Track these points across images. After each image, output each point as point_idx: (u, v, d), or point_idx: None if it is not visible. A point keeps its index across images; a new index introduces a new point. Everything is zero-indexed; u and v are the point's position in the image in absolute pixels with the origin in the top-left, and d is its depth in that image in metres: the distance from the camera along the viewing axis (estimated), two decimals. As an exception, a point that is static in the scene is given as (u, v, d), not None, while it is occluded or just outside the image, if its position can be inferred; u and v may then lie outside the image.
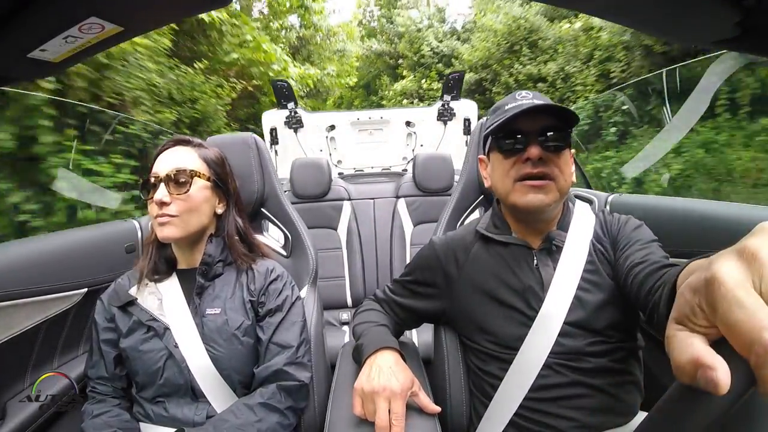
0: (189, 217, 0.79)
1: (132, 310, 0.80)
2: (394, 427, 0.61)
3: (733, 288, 0.23)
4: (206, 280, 0.81)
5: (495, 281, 0.77)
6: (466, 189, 1.12)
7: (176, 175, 0.78)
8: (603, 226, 0.79)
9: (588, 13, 0.54)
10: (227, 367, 0.77)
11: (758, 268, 0.23)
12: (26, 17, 0.39)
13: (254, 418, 0.71)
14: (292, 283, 0.87)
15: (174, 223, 0.77)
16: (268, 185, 1.05)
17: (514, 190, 0.73)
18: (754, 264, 0.24)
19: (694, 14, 0.44)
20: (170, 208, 0.77)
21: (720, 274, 0.24)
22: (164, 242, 0.81)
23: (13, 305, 0.81)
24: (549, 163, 0.71)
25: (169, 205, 0.76)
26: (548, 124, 0.72)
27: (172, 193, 0.77)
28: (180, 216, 0.77)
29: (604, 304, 0.71)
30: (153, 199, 0.76)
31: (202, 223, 0.82)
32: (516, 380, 0.71)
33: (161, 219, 0.76)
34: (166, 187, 0.76)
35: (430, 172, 2.00)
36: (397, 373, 0.68)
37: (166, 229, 0.77)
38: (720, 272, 0.24)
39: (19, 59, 0.45)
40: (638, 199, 1.23)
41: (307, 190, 1.99)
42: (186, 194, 0.78)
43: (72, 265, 0.96)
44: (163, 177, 0.77)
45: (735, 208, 0.88)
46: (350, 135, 3.00)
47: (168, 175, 0.77)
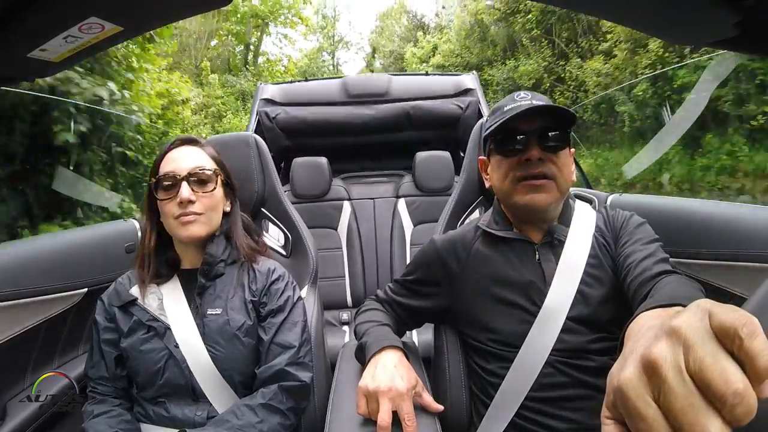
0: (212, 215, 0.81)
1: (133, 310, 0.79)
2: (408, 427, 0.62)
3: (634, 400, 0.25)
4: (207, 280, 0.81)
5: (497, 278, 0.77)
6: (466, 189, 1.12)
7: (199, 173, 0.79)
8: (606, 220, 0.80)
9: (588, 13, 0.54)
10: (228, 368, 0.77)
11: (658, 382, 0.25)
12: (26, 17, 0.39)
13: (256, 419, 0.71)
14: (293, 283, 0.87)
15: (200, 221, 0.78)
16: (268, 185, 1.05)
17: (515, 190, 0.74)
18: (654, 378, 0.25)
19: (694, 14, 0.44)
20: (195, 206, 0.77)
21: (625, 386, 0.26)
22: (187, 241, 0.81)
23: (13, 305, 0.81)
24: (549, 163, 0.72)
25: (195, 204, 0.77)
26: (547, 124, 0.72)
27: (196, 191, 0.78)
28: (205, 213, 0.79)
29: (607, 299, 0.72)
30: (173, 199, 0.76)
31: (219, 221, 0.83)
32: (517, 379, 0.71)
33: (186, 218, 0.77)
34: (189, 186, 0.77)
35: (430, 172, 2.00)
36: (402, 372, 0.68)
37: (192, 227, 0.77)
38: (625, 383, 0.26)
39: (19, 59, 0.45)
40: (638, 199, 1.23)
41: (307, 190, 1.99)
42: (212, 192, 0.80)
43: (72, 265, 0.96)
44: (185, 175, 0.77)
45: (735, 208, 0.88)
46: None
47: (190, 173, 0.78)
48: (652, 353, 0.26)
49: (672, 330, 0.26)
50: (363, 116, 2.21)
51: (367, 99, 2.25)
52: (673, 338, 0.25)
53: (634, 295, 0.62)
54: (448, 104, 2.25)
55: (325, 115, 2.21)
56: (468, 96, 2.27)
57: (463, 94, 2.28)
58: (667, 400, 0.24)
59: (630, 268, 0.66)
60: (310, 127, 2.21)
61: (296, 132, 2.24)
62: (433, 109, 2.23)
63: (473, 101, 2.26)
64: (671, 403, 0.24)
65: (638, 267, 0.65)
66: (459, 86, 2.30)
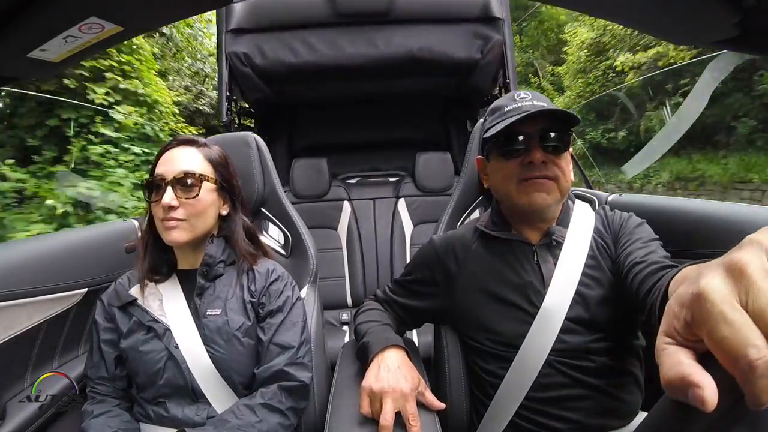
0: (197, 221, 0.78)
1: (132, 310, 0.79)
2: (412, 427, 0.62)
3: (720, 304, 0.23)
4: (207, 281, 0.81)
5: (495, 278, 0.77)
6: (466, 189, 1.12)
7: (184, 178, 0.77)
8: (604, 221, 0.80)
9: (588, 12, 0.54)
10: (227, 368, 0.77)
11: (745, 283, 0.23)
12: (26, 17, 0.39)
13: (255, 419, 0.71)
14: (292, 283, 0.87)
15: (182, 227, 0.76)
16: (268, 185, 1.04)
17: (518, 190, 0.73)
18: (741, 280, 0.23)
19: (694, 14, 0.44)
20: (178, 212, 0.76)
21: (707, 290, 0.24)
22: (171, 245, 0.80)
23: (13, 305, 0.81)
24: (551, 164, 0.72)
25: (177, 209, 0.75)
26: (548, 126, 0.72)
27: (179, 197, 0.76)
28: (188, 220, 0.77)
29: (605, 300, 0.72)
30: (159, 202, 0.75)
31: (208, 226, 0.82)
32: (517, 379, 0.71)
33: (169, 223, 0.75)
34: (173, 190, 0.75)
35: (430, 172, 2.00)
36: (406, 373, 0.68)
37: (174, 233, 0.76)
38: (707, 288, 0.24)
39: (19, 59, 0.45)
40: (638, 199, 1.23)
41: (307, 190, 1.99)
42: (195, 198, 0.77)
43: (72, 265, 0.96)
44: (170, 180, 0.76)
45: (735, 208, 0.88)
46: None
47: (175, 178, 0.76)
48: (736, 257, 0.24)
49: (751, 240, 0.25)
50: (358, 57, 1.68)
51: (362, 18, 1.68)
52: (755, 246, 0.24)
53: (639, 288, 0.62)
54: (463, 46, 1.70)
55: (313, 58, 1.69)
56: (492, 30, 1.72)
57: (488, 24, 1.73)
58: (757, 301, 0.22)
59: (632, 265, 0.66)
60: (295, 71, 1.71)
61: (278, 78, 1.76)
62: (445, 54, 1.70)
63: (497, 44, 1.72)
64: (763, 304, 0.22)
65: (642, 262, 0.65)
66: (486, 9, 1.71)
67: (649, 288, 0.59)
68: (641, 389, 0.74)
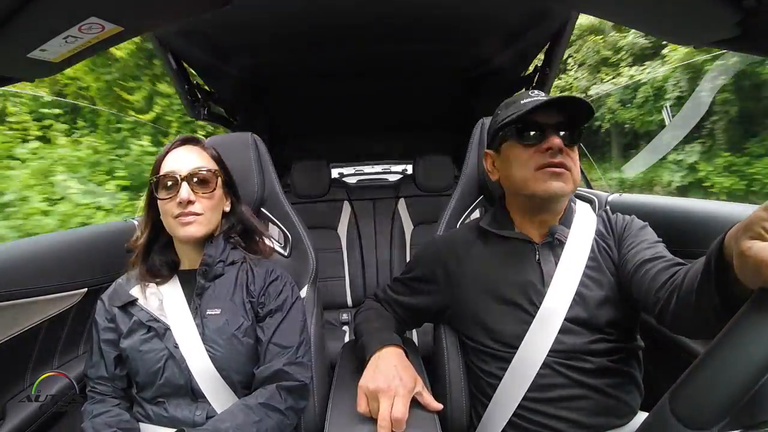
0: (212, 215, 0.81)
1: (132, 310, 0.80)
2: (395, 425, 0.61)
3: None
4: (206, 281, 0.81)
5: (496, 277, 0.77)
6: (466, 189, 1.12)
7: (199, 173, 0.79)
8: (606, 224, 0.80)
9: (588, 12, 0.54)
10: (227, 368, 0.77)
11: None
12: (26, 17, 0.39)
13: (254, 419, 0.71)
14: (292, 283, 0.87)
15: (199, 221, 0.78)
16: (268, 185, 1.05)
17: (535, 178, 0.73)
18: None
19: (694, 14, 0.44)
20: (195, 207, 0.78)
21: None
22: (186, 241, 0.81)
23: (13, 305, 0.81)
24: (566, 155, 0.72)
25: (194, 204, 0.77)
26: (563, 119, 0.73)
27: (196, 192, 0.78)
28: (204, 214, 0.79)
29: (605, 302, 0.72)
30: (173, 198, 0.77)
31: (218, 220, 0.84)
32: (515, 379, 0.71)
33: (186, 218, 0.77)
34: (189, 186, 0.77)
35: (430, 172, 2.00)
36: (402, 372, 0.68)
37: (191, 228, 0.77)
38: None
39: (19, 59, 0.45)
40: (638, 199, 1.23)
41: (307, 190, 1.99)
42: (212, 192, 0.80)
43: (72, 265, 0.96)
44: (185, 176, 0.78)
45: (735, 208, 0.88)
46: None
47: (190, 174, 0.78)
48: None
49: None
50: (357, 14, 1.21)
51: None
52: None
53: (651, 284, 0.63)
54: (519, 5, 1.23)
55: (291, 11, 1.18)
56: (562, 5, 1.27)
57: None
58: None
59: (642, 262, 0.67)
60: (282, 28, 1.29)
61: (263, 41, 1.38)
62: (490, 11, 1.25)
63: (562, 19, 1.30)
64: None
65: (653, 259, 0.66)
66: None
67: (662, 283, 0.60)
68: (640, 389, 0.74)
